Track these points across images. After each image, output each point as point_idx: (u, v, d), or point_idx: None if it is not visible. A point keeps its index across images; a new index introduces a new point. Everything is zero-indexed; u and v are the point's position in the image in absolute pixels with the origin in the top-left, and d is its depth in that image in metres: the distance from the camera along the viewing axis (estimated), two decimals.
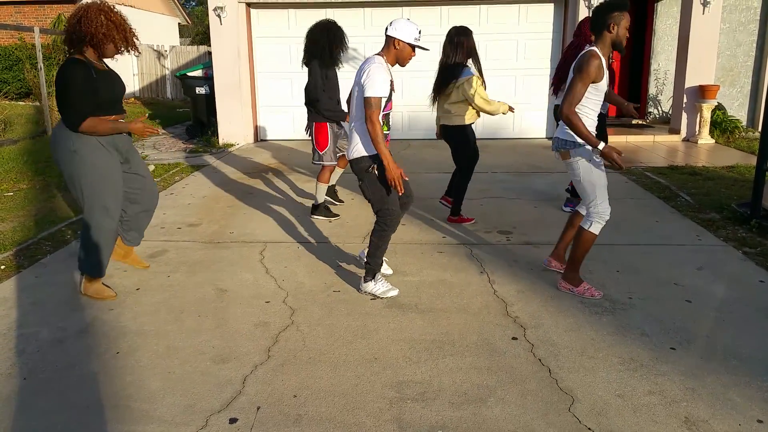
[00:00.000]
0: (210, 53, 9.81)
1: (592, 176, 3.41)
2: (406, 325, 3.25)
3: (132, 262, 4.04)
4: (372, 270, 3.59)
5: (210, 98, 9.58)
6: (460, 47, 4.63)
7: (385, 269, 3.89)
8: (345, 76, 9.42)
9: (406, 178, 3.41)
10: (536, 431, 2.35)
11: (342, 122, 5.09)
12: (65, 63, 3.33)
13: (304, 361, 2.88)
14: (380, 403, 2.54)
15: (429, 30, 9.23)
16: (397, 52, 3.40)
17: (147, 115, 12.77)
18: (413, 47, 3.41)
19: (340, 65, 5.05)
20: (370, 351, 2.97)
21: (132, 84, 16.79)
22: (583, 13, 8.54)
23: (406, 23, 3.37)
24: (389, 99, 3.42)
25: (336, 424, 2.40)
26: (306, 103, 5.02)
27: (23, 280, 3.90)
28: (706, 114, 8.77)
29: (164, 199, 5.87)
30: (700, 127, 8.87)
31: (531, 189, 6.28)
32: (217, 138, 9.30)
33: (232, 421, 2.43)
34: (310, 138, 5.14)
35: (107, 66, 3.52)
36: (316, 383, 2.69)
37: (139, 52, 3.64)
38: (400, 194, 3.41)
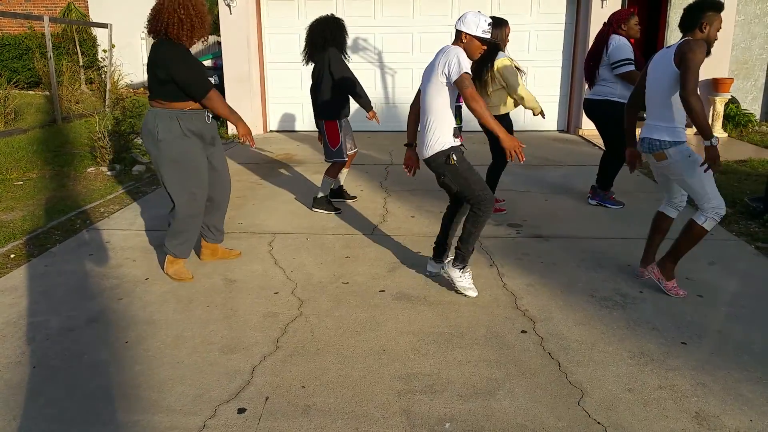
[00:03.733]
0: (219, 43, 9.81)
1: (698, 171, 3.22)
2: (414, 317, 3.24)
3: (223, 256, 4.07)
4: (463, 257, 3.42)
5: (219, 88, 9.57)
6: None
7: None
8: (355, 67, 9.45)
9: (524, 146, 3.23)
10: (545, 425, 2.33)
11: (347, 118, 5.05)
12: (165, 43, 3.41)
13: (312, 352, 2.88)
14: (388, 394, 2.54)
15: (439, 21, 9.18)
16: (464, 45, 3.26)
17: None
18: (482, 40, 3.26)
19: (349, 58, 5.02)
20: (379, 343, 2.96)
21: (141, 73, 16.80)
22: (596, 4, 8.45)
23: (473, 15, 3.24)
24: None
25: (344, 416, 2.40)
26: (326, 99, 4.87)
27: (33, 268, 3.92)
28: (719, 107, 8.67)
29: None
30: (713, 120, 8.77)
31: (541, 182, 6.24)
32: (226, 129, 9.31)
33: (241, 411, 2.43)
34: (320, 138, 5.06)
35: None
36: (324, 374, 2.69)
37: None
38: (522, 162, 3.24)
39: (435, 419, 2.38)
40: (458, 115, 3.36)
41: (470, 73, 3.14)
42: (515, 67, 4.74)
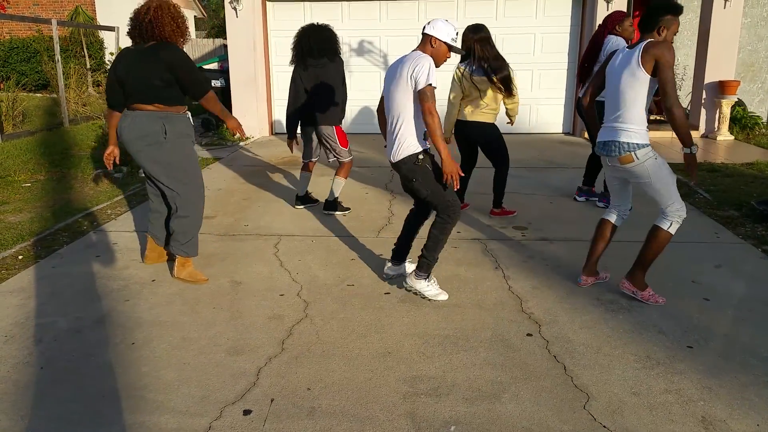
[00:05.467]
0: (225, 46, 9.84)
1: (664, 175, 3.21)
2: (420, 319, 3.24)
3: (161, 259, 4.09)
4: (428, 265, 3.40)
5: (225, 91, 9.60)
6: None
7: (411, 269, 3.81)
8: (361, 70, 9.49)
9: (462, 174, 3.27)
10: (551, 428, 2.33)
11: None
12: (169, 45, 3.50)
13: (317, 354, 2.89)
14: (393, 397, 2.54)
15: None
16: (433, 50, 3.28)
17: None
18: (449, 48, 3.30)
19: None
20: (384, 345, 2.97)
21: None
22: (602, 6, 8.44)
23: (444, 23, 3.27)
24: None
25: (349, 418, 2.40)
26: (317, 106, 4.91)
27: (41, 270, 3.94)
28: (726, 110, 8.64)
29: None
30: (719, 123, 8.74)
31: (547, 184, 6.23)
32: (232, 131, 9.32)
33: (246, 412, 2.44)
34: (325, 140, 5.05)
35: None
36: (329, 376, 2.69)
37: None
38: (456, 189, 3.28)
39: (440, 422, 2.38)
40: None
41: (435, 86, 3.16)
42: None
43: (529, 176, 6.61)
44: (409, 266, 3.78)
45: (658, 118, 10.42)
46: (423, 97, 3.14)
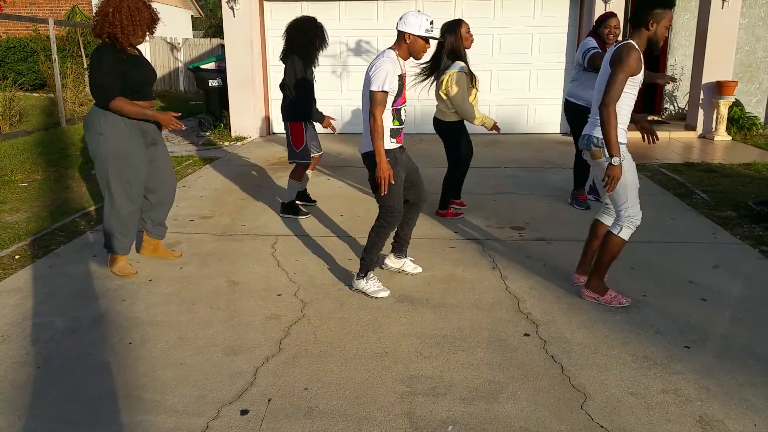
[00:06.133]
0: (223, 46, 9.83)
1: (626, 177, 3.17)
2: (417, 319, 3.24)
3: (163, 255, 4.11)
4: (365, 266, 3.52)
5: (223, 91, 9.59)
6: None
7: (414, 268, 3.84)
8: (358, 70, 9.47)
9: (393, 182, 3.33)
10: (548, 428, 2.33)
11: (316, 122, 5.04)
12: (97, 47, 3.57)
13: (315, 354, 2.88)
14: (391, 397, 2.54)
15: (441, 23, 9.17)
16: (408, 45, 3.33)
17: (157, 108, 12.80)
18: (425, 39, 3.34)
19: (317, 64, 5.00)
20: (381, 345, 2.96)
21: None
22: (599, 6, 8.45)
23: (414, 15, 3.29)
24: (399, 93, 3.37)
25: (346, 418, 2.40)
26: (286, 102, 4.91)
27: (37, 270, 3.93)
28: (723, 110, 8.65)
29: (177, 192, 5.87)
30: (716, 123, 8.75)
31: (544, 184, 6.23)
32: (230, 131, 9.32)
33: (244, 412, 2.43)
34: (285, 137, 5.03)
35: (138, 51, 3.71)
36: (326, 376, 2.69)
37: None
38: (383, 194, 3.33)
39: (437, 422, 2.38)
40: (397, 117, 3.42)
41: (386, 91, 3.24)
42: (469, 77, 4.68)
43: (526, 176, 6.61)
44: (407, 262, 3.85)
45: (656, 118, 10.45)
46: (371, 100, 3.26)
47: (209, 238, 4.58)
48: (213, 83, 9.76)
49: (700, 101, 8.84)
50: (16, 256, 4.16)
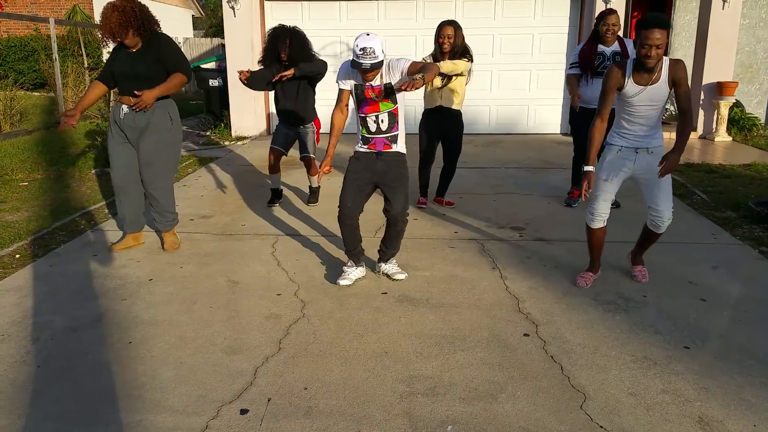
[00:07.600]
0: (223, 45, 9.82)
1: (599, 175, 3.50)
2: (417, 319, 3.24)
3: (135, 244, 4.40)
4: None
5: (223, 91, 9.59)
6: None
7: (398, 274, 3.78)
8: None
9: (325, 171, 3.58)
10: (548, 428, 2.33)
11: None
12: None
13: (314, 353, 2.89)
14: (390, 397, 2.54)
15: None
16: None
17: None
18: (356, 63, 3.23)
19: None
20: (381, 345, 2.97)
21: None
22: (600, 6, 8.45)
23: (357, 40, 3.19)
24: (367, 103, 3.40)
25: (346, 417, 2.40)
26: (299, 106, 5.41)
27: (38, 269, 3.94)
28: (724, 111, 8.65)
29: (177, 191, 5.89)
30: (717, 124, 8.76)
31: (544, 185, 6.23)
32: (230, 130, 9.32)
33: (243, 412, 2.44)
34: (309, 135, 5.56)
35: (145, 48, 3.95)
36: (326, 376, 2.69)
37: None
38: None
39: (437, 422, 2.38)
40: (363, 125, 3.52)
41: (343, 89, 3.48)
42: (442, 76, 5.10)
43: (526, 176, 6.62)
44: (387, 265, 3.84)
45: None
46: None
47: (209, 237, 4.58)
48: (213, 83, 9.77)
49: (701, 102, 8.84)
50: (17, 255, 4.16)
